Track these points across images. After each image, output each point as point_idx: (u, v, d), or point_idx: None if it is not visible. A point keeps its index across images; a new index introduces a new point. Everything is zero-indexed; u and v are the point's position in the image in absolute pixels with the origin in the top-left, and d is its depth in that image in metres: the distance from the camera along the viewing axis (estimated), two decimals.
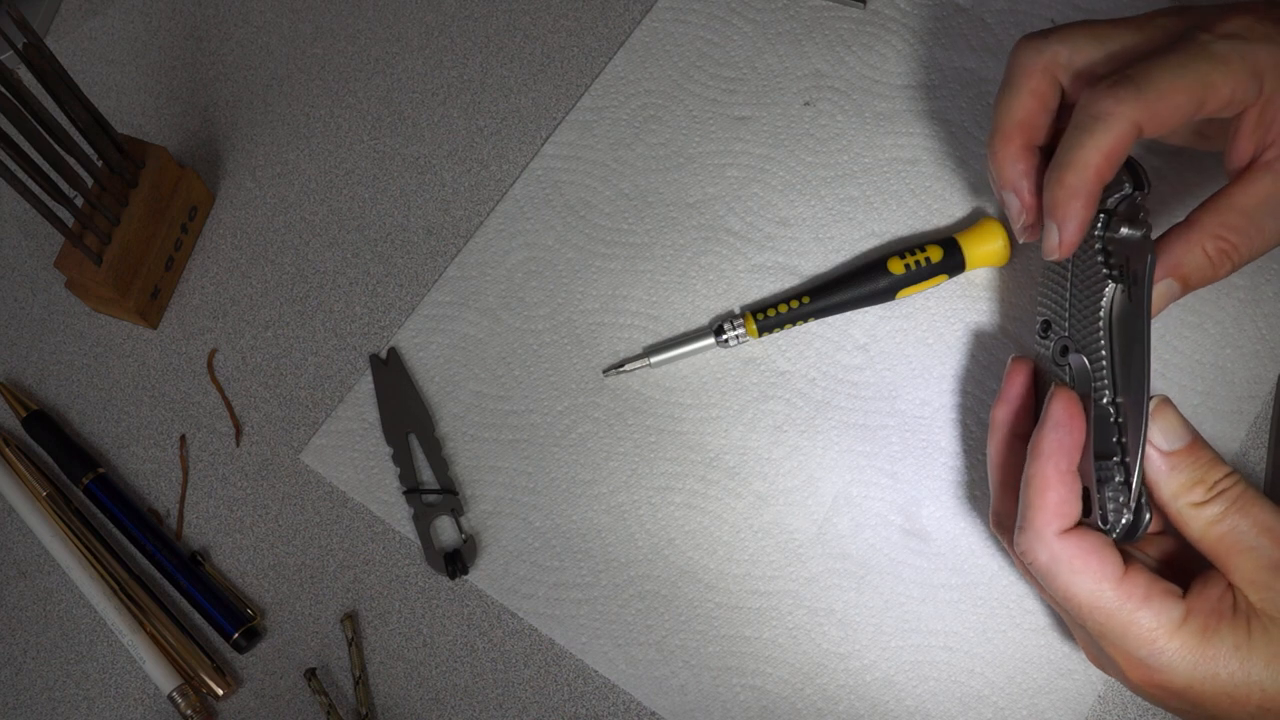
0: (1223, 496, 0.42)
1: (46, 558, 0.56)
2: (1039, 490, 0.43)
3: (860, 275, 0.55)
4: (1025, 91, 0.47)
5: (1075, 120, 0.43)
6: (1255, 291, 0.55)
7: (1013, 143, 0.48)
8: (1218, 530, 0.42)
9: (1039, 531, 0.43)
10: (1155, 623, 0.41)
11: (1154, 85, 0.42)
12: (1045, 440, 0.44)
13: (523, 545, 0.54)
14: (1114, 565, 0.42)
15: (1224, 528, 0.42)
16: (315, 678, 0.53)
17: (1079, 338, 0.46)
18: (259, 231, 0.61)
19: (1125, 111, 0.42)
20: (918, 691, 0.51)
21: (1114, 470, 0.44)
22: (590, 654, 0.52)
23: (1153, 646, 0.41)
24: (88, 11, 0.67)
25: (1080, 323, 0.46)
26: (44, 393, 0.59)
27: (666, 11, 0.63)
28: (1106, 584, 0.42)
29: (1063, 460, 0.43)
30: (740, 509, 0.54)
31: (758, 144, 0.60)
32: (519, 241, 0.59)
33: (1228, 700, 0.41)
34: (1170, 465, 0.43)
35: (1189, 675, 0.41)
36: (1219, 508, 0.42)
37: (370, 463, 0.56)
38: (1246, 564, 0.42)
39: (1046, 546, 0.43)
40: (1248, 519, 0.42)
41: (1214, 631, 0.41)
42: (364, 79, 0.64)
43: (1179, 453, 0.43)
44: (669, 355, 0.56)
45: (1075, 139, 0.43)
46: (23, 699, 0.54)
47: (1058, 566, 0.43)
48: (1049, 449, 0.44)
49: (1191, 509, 0.43)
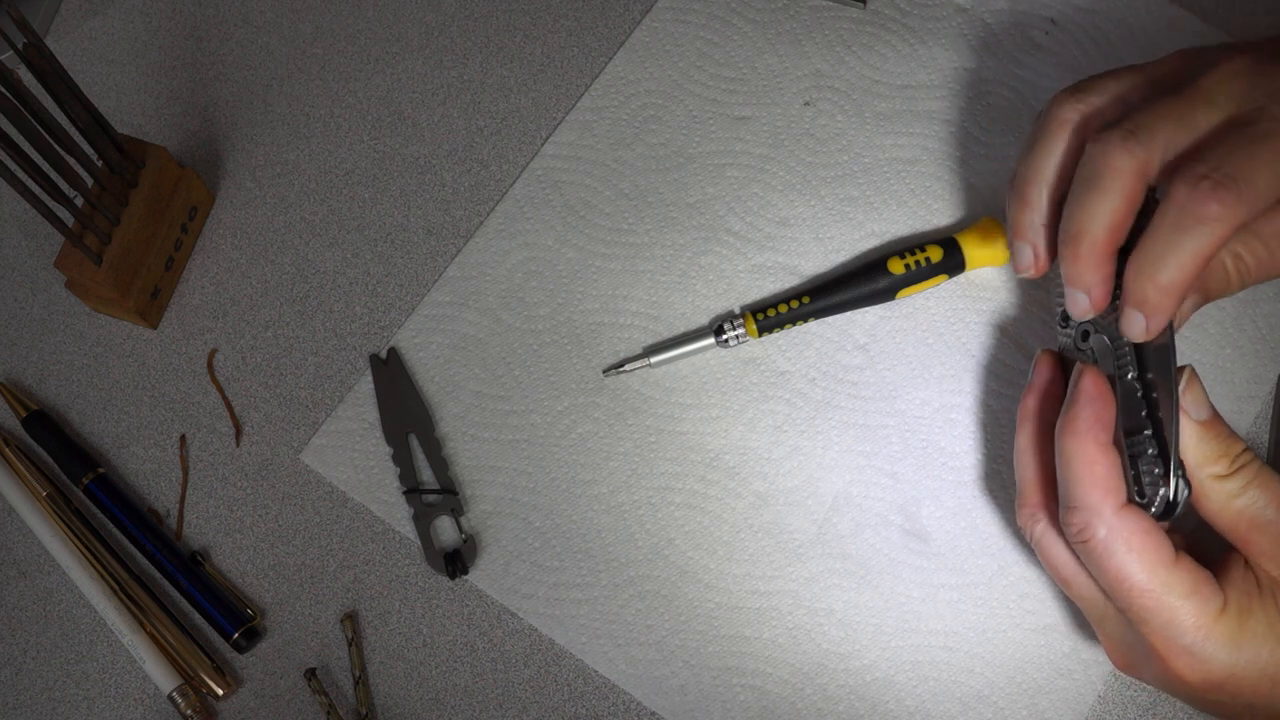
0: (1243, 470, 0.43)
1: (46, 558, 0.56)
2: (1086, 465, 0.43)
3: (860, 275, 0.55)
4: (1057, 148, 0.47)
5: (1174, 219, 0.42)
6: (1255, 291, 0.55)
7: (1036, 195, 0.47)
8: (1238, 504, 0.42)
9: (1095, 507, 0.42)
10: (1201, 610, 0.41)
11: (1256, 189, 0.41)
12: (1080, 416, 0.43)
13: (523, 545, 0.54)
14: (1168, 549, 0.42)
15: (1244, 501, 0.42)
16: (315, 678, 0.53)
17: (1099, 320, 0.46)
18: (259, 231, 0.61)
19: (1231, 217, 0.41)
20: (918, 691, 0.51)
21: (1146, 444, 0.43)
22: (590, 654, 0.52)
23: (1197, 634, 0.41)
24: (88, 11, 0.67)
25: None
26: (44, 393, 0.59)
27: (666, 11, 0.63)
28: (1162, 568, 0.42)
29: (1102, 433, 0.43)
30: (740, 509, 0.54)
31: (758, 144, 0.60)
32: (519, 241, 0.59)
33: (1269, 683, 0.42)
34: (1199, 435, 0.43)
35: (1231, 662, 0.41)
36: (1240, 481, 0.42)
37: (370, 463, 0.56)
38: (1264, 538, 0.42)
39: (1105, 522, 0.42)
40: (1266, 493, 0.42)
41: (1248, 613, 0.42)
42: (364, 79, 0.64)
43: (1205, 423, 0.43)
44: (669, 355, 0.56)
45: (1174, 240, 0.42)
46: (23, 699, 0.54)
47: (1115, 543, 0.42)
48: (1085, 424, 0.43)
49: (1214, 481, 0.43)
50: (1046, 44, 0.60)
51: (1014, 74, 0.60)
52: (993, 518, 0.53)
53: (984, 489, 0.53)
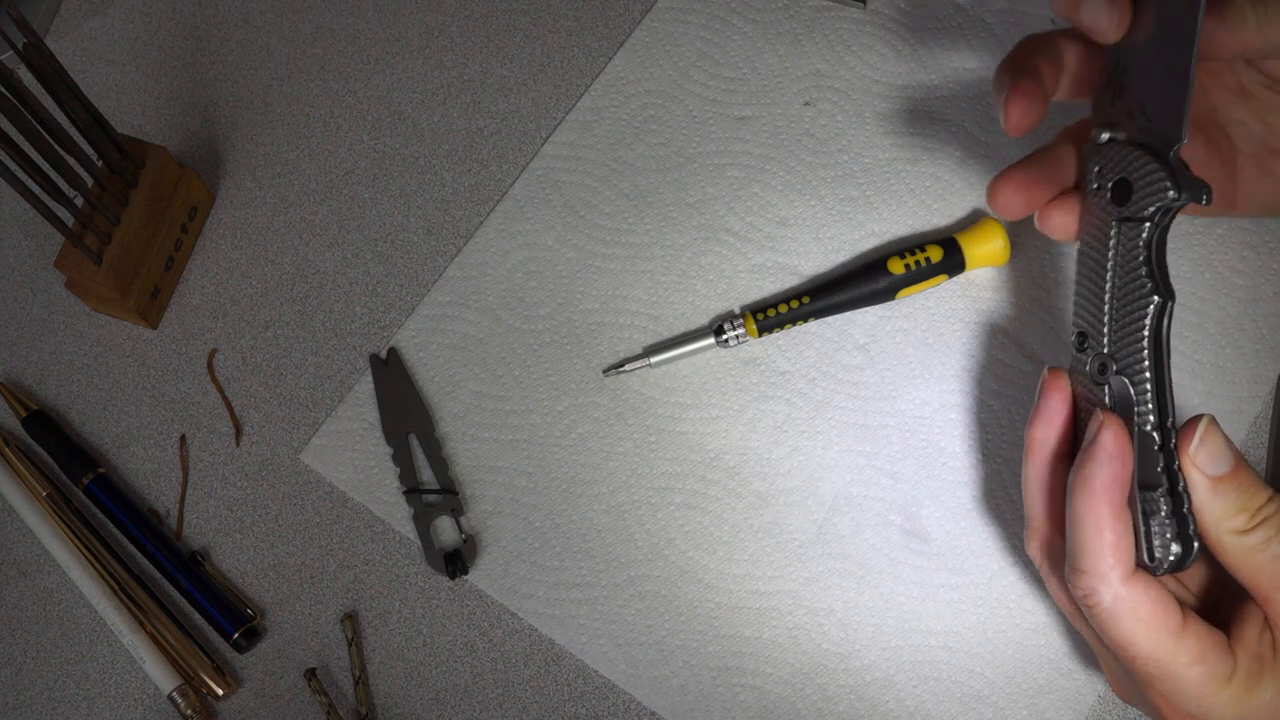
0: (1266, 524, 0.40)
1: (46, 558, 0.56)
2: (1095, 530, 0.41)
3: (860, 275, 0.55)
4: None
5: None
6: (1255, 291, 0.55)
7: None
8: (1259, 559, 0.40)
9: (1104, 575, 0.41)
10: (1207, 678, 0.40)
11: None
12: (1097, 476, 0.41)
13: (523, 545, 0.54)
14: (1175, 617, 0.40)
15: (1266, 556, 0.40)
16: (315, 678, 0.53)
17: (1119, 354, 0.43)
18: (259, 231, 0.61)
19: None
20: (918, 691, 0.51)
21: (1159, 503, 0.41)
22: (590, 654, 0.52)
23: (1202, 702, 0.40)
24: (88, 11, 0.67)
25: (1121, 339, 0.42)
26: (44, 393, 0.59)
27: (666, 11, 0.63)
28: (1168, 638, 0.40)
29: (1117, 496, 0.41)
30: (740, 509, 0.54)
31: (758, 144, 0.60)
32: (519, 241, 0.59)
33: None
34: (1215, 491, 0.40)
35: None
36: (1262, 535, 0.40)
37: (370, 463, 0.56)
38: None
39: (1111, 590, 0.40)
40: None
41: (1257, 680, 0.40)
42: (364, 79, 0.64)
43: (1224, 478, 0.40)
44: (669, 355, 0.56)
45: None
46: (23, 699, 0.54)
47: (1121, 613, 0.40)
48: (1102, 485, 0.41)
49: (1233, 536, 0.40)
50: None
51: None
52: (993, 518, 0.53)
53: (984, 489, 0.53)
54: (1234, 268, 0.55)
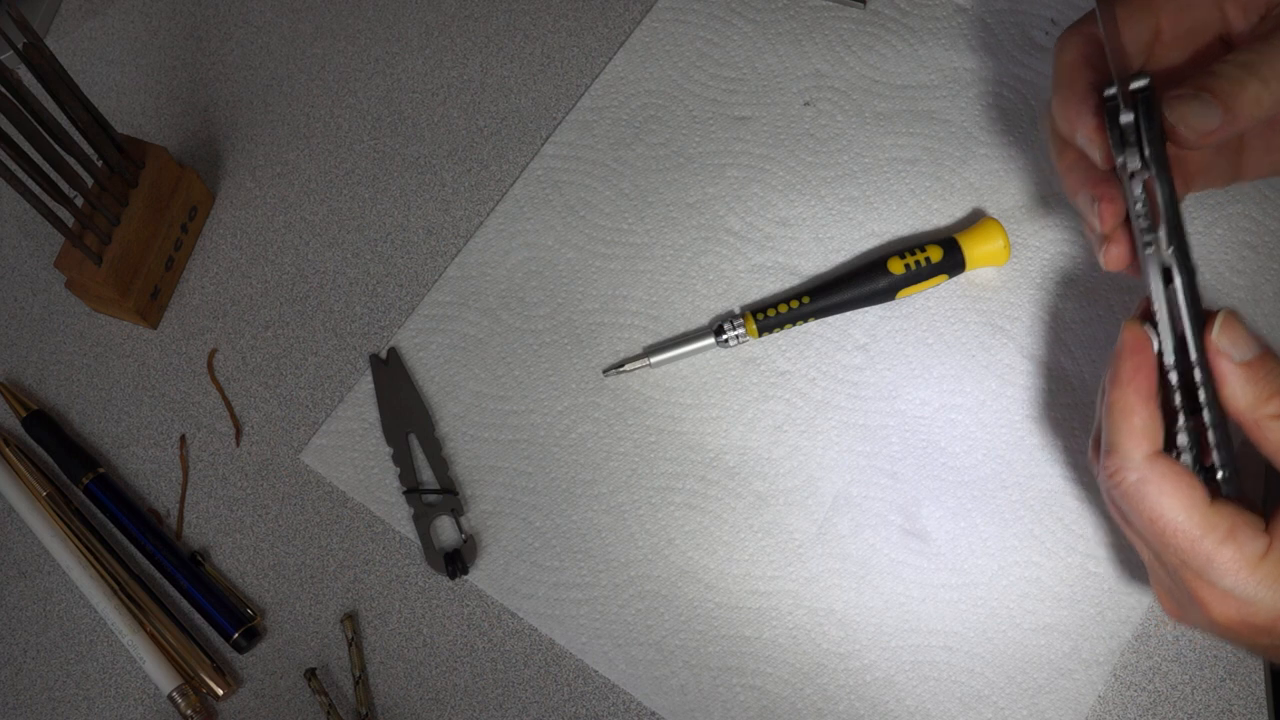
0: None
1: (46, 558, 0.56)
2: (1123, 414, 0.43)
3: (860, 275, 0.55)
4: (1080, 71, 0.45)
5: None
6: (1255, 291, 0.55)
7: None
8: None
9: (1128, 453, 0.43)
10: (1239, 555, 0.41)
11: None
12: (1122, 368, 0.43)
13: (523, 545, 0.54)
14: (1200, 493, 0.42)
15: None
16: (315, 678, 0.53)
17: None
18: (259, 231, 0.61)
19: None
20: (918, 691, 0.51)
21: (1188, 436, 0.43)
22: (590, 654, 0.52)
23: (1238, 576, 0.41)
24: (88, 11, 0.67)
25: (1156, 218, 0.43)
26: (44, 393, 0.59)
27: (666, 11, 0.63)
28: (1195, 511, 0.41)
29: (1142, 384, 0.43)
30: (740, 509, 0.54)
31: (758, 144, 0.60)
32: (519, 241, 0.59)
33: None
34: (1246, 376, 0.42)
35: (1275, 608, 0.41)
36: None
37: (370, 463, 0.56)
38: None
39: (1136, 468, 0.42)
40: None
41: None
42: (364, 79, 0.64)
43: (1253, 363, 0.42)
44: (669, 355, 0.56)
45: None
46: (23, 699, 0.54)
47: (1145, 488, 0.42)
48: (1127, 375, 0.43)
49: (1271, 421, 0.42)
50: (1046, 44, 0.60)
51: (1014, 74, 0.60)
52: (993, 518, 0.53)
53: (984, 489, 0.53)
54: (1234, 268, 0.55)
